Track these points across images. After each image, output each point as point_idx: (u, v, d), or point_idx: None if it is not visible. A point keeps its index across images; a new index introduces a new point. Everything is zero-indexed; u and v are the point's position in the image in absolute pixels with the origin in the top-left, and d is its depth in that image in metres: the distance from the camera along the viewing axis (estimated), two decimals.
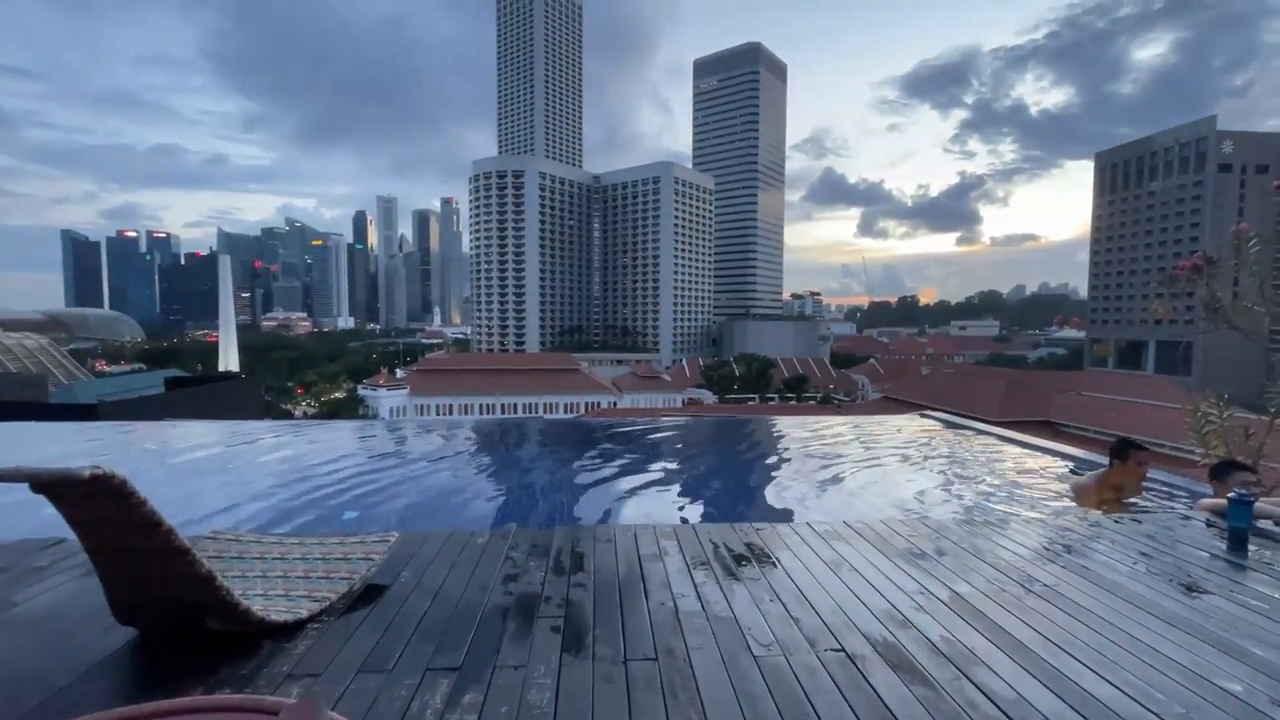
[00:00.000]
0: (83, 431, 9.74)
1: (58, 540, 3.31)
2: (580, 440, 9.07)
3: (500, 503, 5.80)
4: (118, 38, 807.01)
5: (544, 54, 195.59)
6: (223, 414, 26.70)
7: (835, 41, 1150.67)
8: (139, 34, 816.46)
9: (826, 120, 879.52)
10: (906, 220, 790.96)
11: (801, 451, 7.73)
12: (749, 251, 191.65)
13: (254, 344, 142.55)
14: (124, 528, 1.92)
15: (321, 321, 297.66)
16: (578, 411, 68.27)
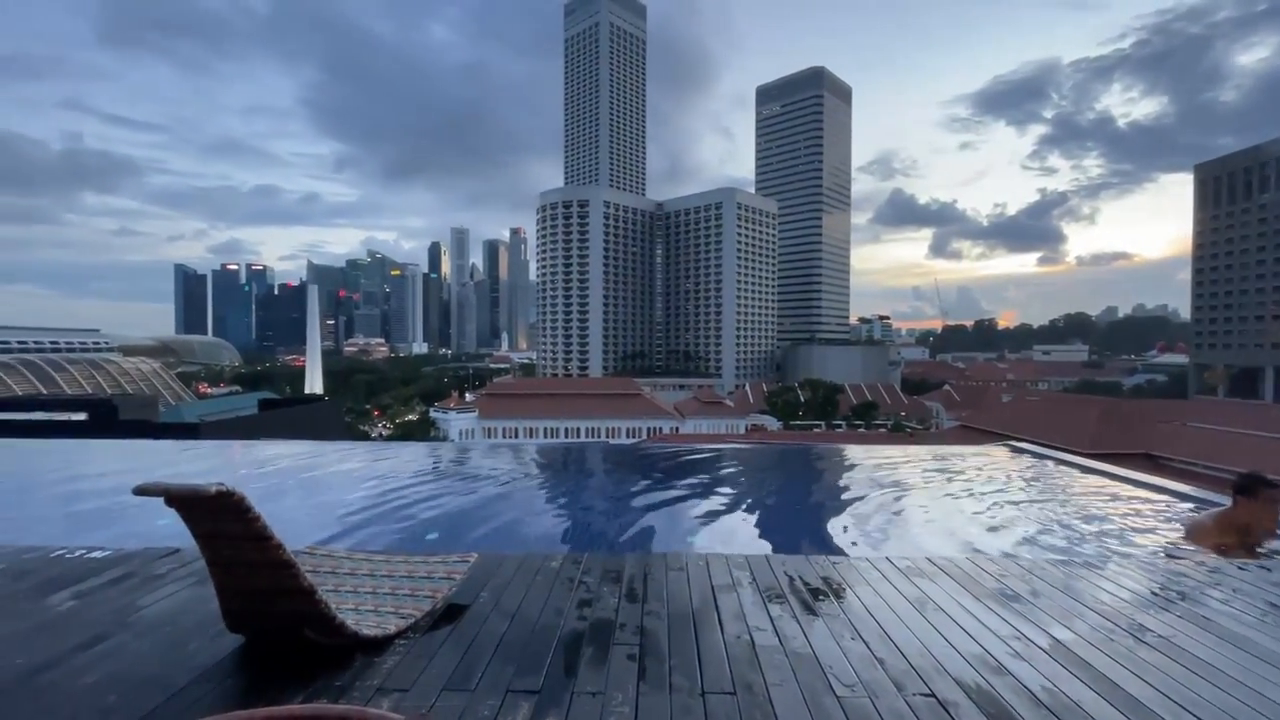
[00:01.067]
0: (185, 449, 10.59)
1: (173, 550, 3.61)
2: (645, 466, 9.08)
3: (568, 526, 5.87)
4: (228, 93, 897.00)
5: (609, 88, 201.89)
6: (309, 434, 28.42)
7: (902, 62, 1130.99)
8: (246, 88, 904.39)
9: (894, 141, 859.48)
10: (982, 240, 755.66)
11: (874, 481, 7.44)
12: (813, 275, 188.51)
13: (336, 368, 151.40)
14: (239, 541, 2.09)
15: (398, 347, 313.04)
16: (640, 436, 68.40)
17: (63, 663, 2.31)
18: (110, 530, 5.47)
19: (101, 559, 3.47)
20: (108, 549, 3.65)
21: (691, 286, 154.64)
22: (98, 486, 7.42)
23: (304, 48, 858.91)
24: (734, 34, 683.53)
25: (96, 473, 8.16)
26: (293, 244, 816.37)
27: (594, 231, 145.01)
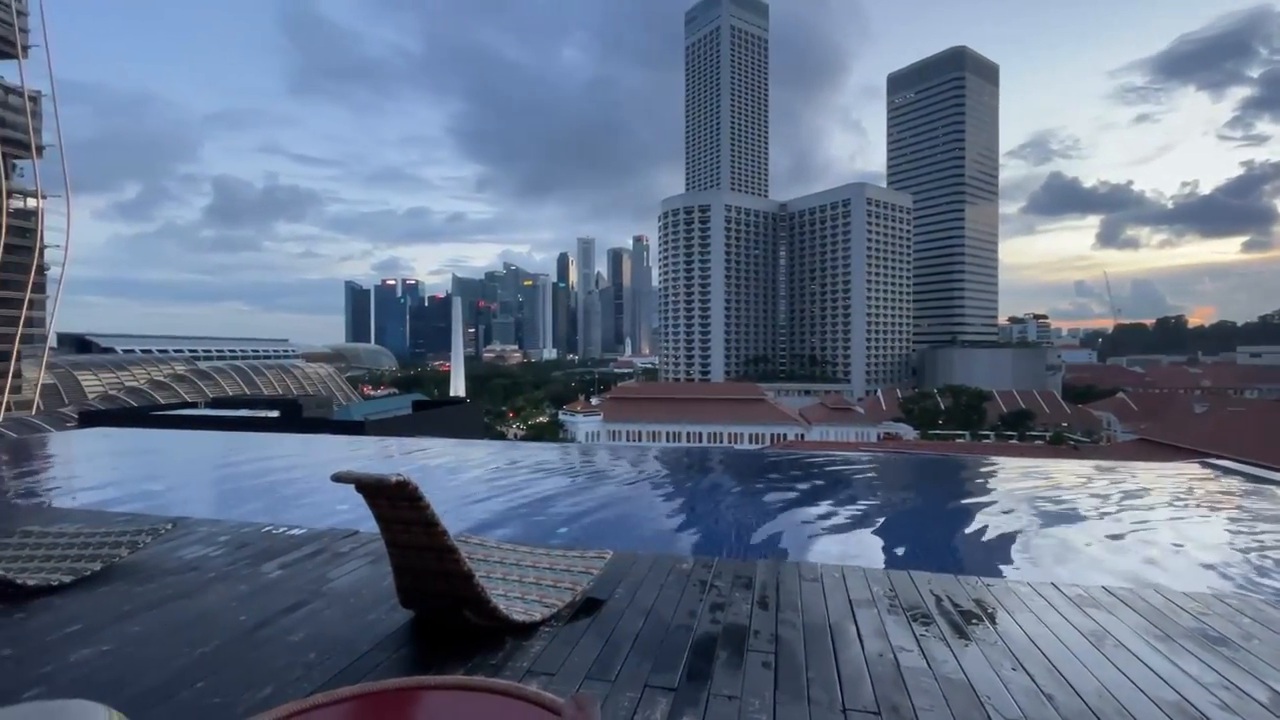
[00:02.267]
0: (353, 444, 11.98)
1: (353, 532, 4.12)
2: (772, 472, 8.88)
3: (694, 529, 5.90)
4: (388, 128, 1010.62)
5: (730, 92, 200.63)
6: (454, 432, 31.04)
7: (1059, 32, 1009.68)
8: (403, 123, 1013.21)
9: (1051, 120, 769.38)
10: (1166, 226, 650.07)
11: (1031, 498, 6.71)
12: (954, 272, 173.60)
13: (476, 373, 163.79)
14: (413, 526, 2.35)
15: (530, 353, 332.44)
16: (763, 442, 66.97)
17: (275, 621, 2.72)
18: (301, 511, 6.36)
19: (299, 536, 4.04)
20: (302, 527, 4.25)
21: (817, 288, 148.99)
22: (290, 474, 8.64)
23: (451, 81, 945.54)
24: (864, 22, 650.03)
25: (288, 462, 9.49)
26: (440, 259, 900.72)
27: (715, 235, 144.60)
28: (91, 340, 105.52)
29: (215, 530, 4.17)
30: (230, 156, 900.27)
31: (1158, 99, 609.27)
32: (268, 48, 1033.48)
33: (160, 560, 3.56)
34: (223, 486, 7.83)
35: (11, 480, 7.75)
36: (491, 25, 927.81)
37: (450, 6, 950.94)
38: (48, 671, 2.29)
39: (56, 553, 3.36)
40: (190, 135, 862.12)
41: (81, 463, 9.34)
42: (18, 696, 2.12)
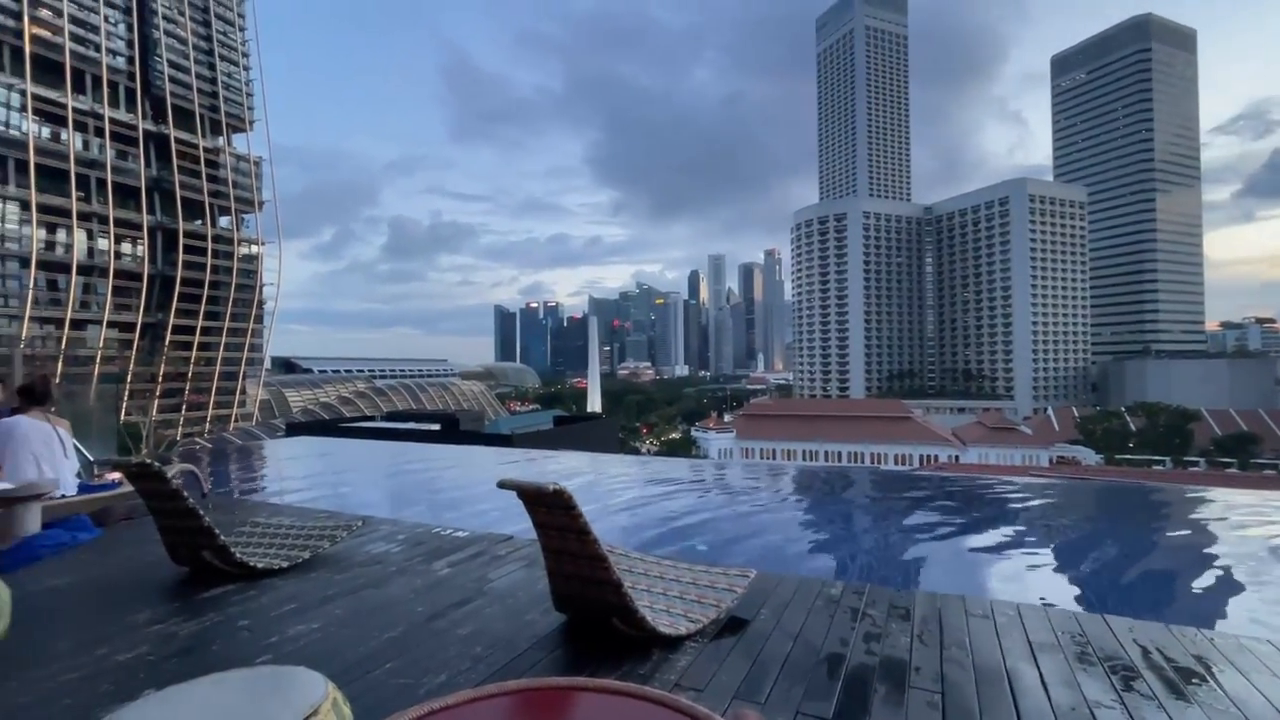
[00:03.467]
0: (502, 455, 12.86)
1: (508, 536, 4.42)
2: (924, 495, 8.20)
3: (838, 553, 5.61)
4: (532, 162, 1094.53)
5: (865, 95, 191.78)
6: (591, 447, 32.31)
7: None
8: (546, 156, 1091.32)
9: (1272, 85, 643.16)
10: None
11: (1264, 538, 5.55)
12: (1145, 271, 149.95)
13: (611, 389, 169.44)
14: (567, 533, 2.48)
15: (662, 369, 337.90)
16: (911, 464, 62.08)
17: (446, 615, 3.00)
18: (460, 513, 6.96)
19: (461, 538, 4.41)
20: (464, 530, 4.64)
21: (970, 296, 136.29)
22: (451, 480, 9.49)
23: (588, 113, 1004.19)
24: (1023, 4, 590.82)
25: (449, 470, 10.43)
26: (578, 282, 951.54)
27: (852, 244, 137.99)
28: (295, 362, 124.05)
29: (394, 529, 4.68)
30: (403, 199, 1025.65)
31: None
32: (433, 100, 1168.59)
33: (352, 553, 4.07)
34: (397, 489, 8.80)
35: (240, 479, 9.31)
36: (626, 57, 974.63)
37: (588, 45, 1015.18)
38: (273, 642, 2.70)
39: (276, 541, 3.97)
40: (372, 183, 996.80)
41: (289, 466, 10.98)
42: (253, 661, 2.53)
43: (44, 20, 55.95)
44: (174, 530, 3.56)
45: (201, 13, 69.72)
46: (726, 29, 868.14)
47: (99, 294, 58.86)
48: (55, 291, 56.34)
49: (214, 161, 68.79)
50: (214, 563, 3.51)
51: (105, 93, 59.73)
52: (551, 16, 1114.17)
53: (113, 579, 3.63)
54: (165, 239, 63.76)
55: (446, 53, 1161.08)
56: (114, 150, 59.94)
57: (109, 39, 60.74)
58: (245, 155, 73.11)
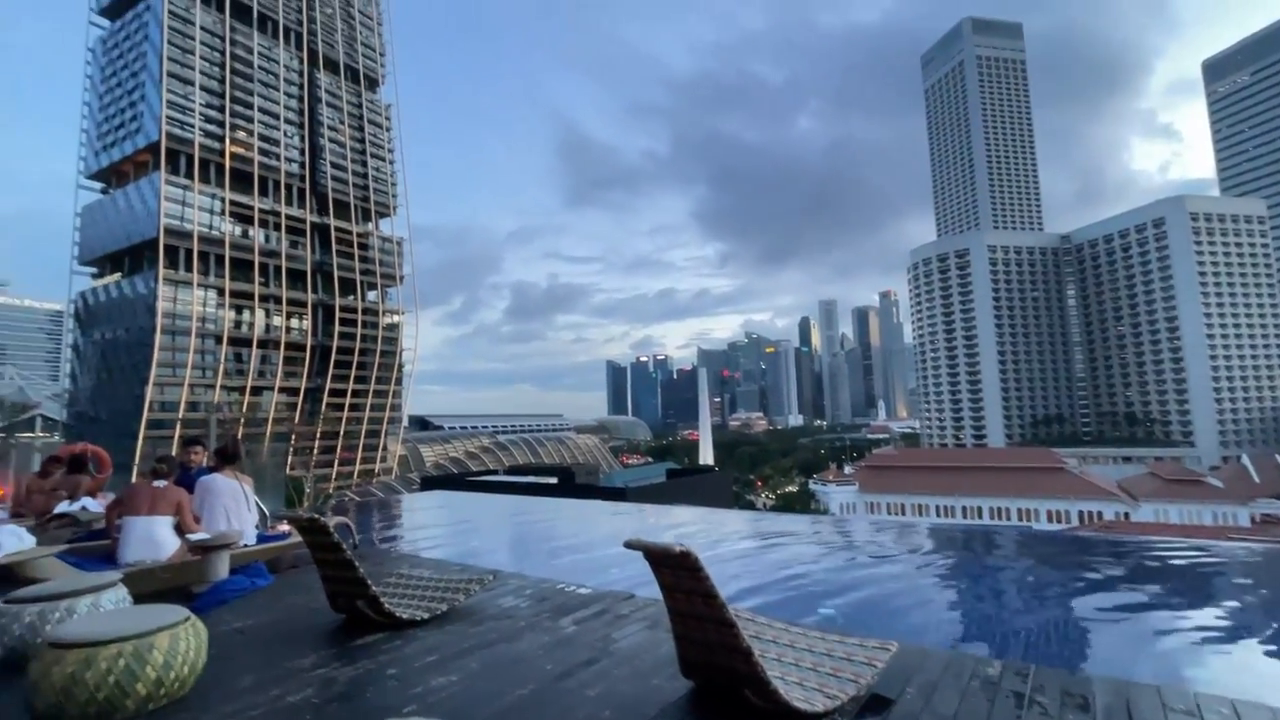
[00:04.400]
0: (616, 510, 12.95)
1: (630, 595, 4.41)
2: (1093, 560, 7.17)
3: (988, 626, 5.00)
4: (640, 221, 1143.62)
5: (982, 125, 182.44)
6: (704, 500, 31.77)
7: None
8: (653, 215, 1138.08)
9: None
10: None
11: None
12: None
13: (723, 441, 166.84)
14: (693, 596, 2.44)
15: (775, 419, 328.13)
16: (1067, 522, 54.86)
17: (574, 674, 3.02)
18: (581, 568, 7.04)
19: (585, 595, 4.46)
20: (587, 586, 4.69)
21: (1126, 329, 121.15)
22: (571, 534, 9.68)
23: (694, 172, 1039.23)
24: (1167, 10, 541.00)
25: (569, 524, 10.66)
26: (686, 334, 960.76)
27: (978, 280, 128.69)
28: (429, 420, 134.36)
29: (521, 584, 4.84)
30: (523, 264, 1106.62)
31: None
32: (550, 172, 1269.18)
33: (484, 606, 4.25)
34: (520, 542, 9.11)
35: (382, 531, 10.10)
36: (729, 114, 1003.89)
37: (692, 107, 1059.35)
38: (418, 692, 2.85)
39: (418, 593, 4.24)
40: (496, 252, 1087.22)
41: (424, 519, 11.77)
42: (400, 710, 2.68)
43: (240, 140, 67.81)
44: (334, 580, 3.92)
45: (356, 120, 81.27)
46: (828, 76, 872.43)
47: (272, 364, 67.99)
48: (240, 363, 65.83)
49: (364, 244, 78.50)
50: (366, 611, 3.81)
51: (283, 194, 70.69)
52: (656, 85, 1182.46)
53: (283, 623, 4.03)
54: (324, 314, 72.90)
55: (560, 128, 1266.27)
56: (288, 241, 70.30)
57: (286, 149, 72.25)
58: (389, 237, 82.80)
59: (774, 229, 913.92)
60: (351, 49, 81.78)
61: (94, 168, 67.99)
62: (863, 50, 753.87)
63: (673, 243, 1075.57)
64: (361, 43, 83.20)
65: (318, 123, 75.76)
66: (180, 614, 2.94)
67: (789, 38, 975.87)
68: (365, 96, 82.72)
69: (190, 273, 60.83)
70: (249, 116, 68.41)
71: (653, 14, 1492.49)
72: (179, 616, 2.91)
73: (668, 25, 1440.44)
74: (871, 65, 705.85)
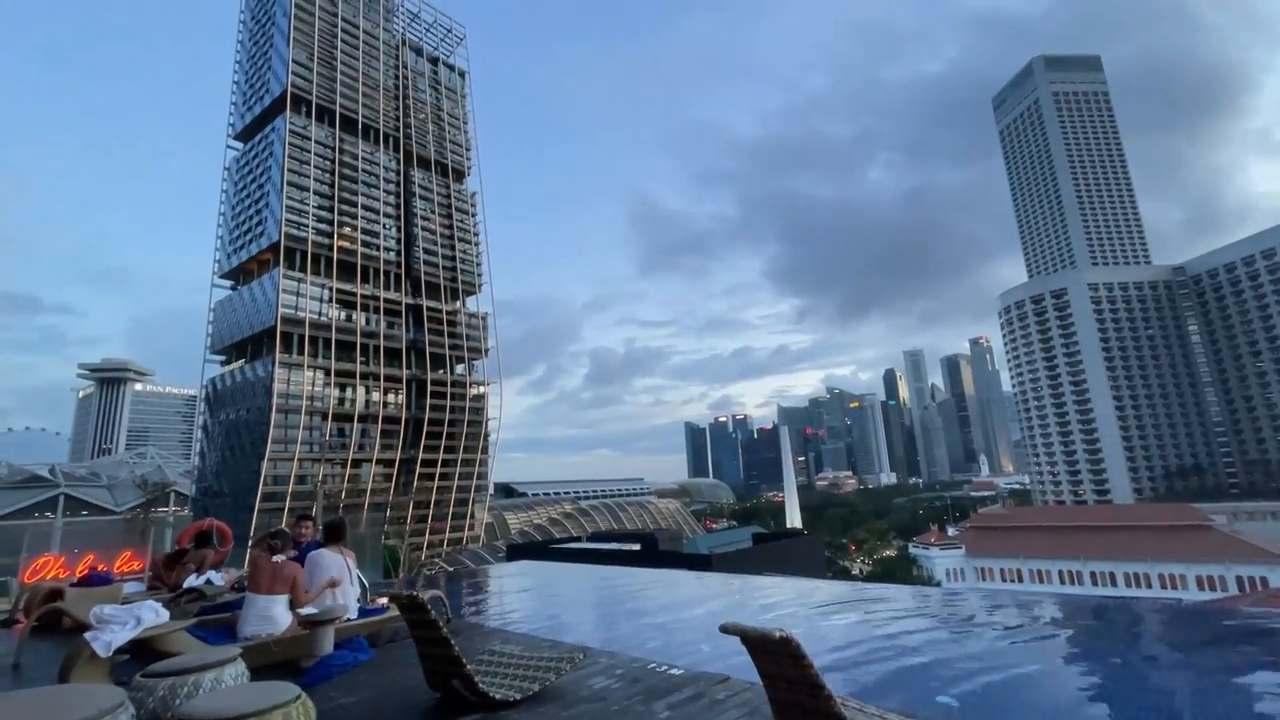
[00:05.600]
0: (705, 580, 12.49)
1: (725, 678, 4.19)
2: (1258, 638, 6.14)
3: (1129, 715, 4.36)
4: (713, 283, 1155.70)
5: (1067, 160, 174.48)
6: (794, 567, 30.10)
7: None
8: (726, 276, 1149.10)
9: None
10: None
11: None
12: None
13: (810, 503, 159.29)
14: (796, 685, 2.29)
15: (865, 478, 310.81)
16: (1225, 589, 47.72)
17: None
18: (670, 644, 6.78)
19: (677, 676, 4.29)
20: (679, 667, 4.51)
21: (1268, 364, 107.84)
22: (657, 606, 9.40)
23: (765, 231, 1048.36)
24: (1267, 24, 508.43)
25: (655, 597, 10.38)
26: (765, 392, 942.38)
27: (1081, 320, 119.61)
28: (513, 487, 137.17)
29: (611, 662, 4.72)
30: (599, 332, 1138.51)
31: None
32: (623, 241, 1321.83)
33: (576, 687, 4.16)
34: (607, 616, 8.93)
35: (472, 603, 10.22)
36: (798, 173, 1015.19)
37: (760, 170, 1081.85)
38: None
39: (510, 671, 4.22)
40: (574, 321, 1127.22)
41: (511, 589, 11.83)
42: None
43: (346, 235, 75.32)
44: (431, 657, 3.99)
45: (445, 209, 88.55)
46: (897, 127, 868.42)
47: (371, 438, 72.32)
48: (343, 437, 70.46)
49: (453, 321, 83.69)
50: (461, 691, 3.82)
51: (382, 280, 77.22)
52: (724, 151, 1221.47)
53: (383, 700, 4.11)
54: (417, 388, 77.41)
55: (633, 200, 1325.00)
56: (385, 322, 76.11)
57: (385, 240, 79.41)
58: (475, 313, 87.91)
59: (851, 282, 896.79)
60: (441, 147, 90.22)
61: (226, 268, 77.38)
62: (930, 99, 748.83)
63: (747, 301, 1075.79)
64: (450, 140, 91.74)
65: (412, 214, 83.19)
66: (292, 691, 3.07)
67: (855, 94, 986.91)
68: (453, 188, 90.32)
69: (302, 355, 66.80)
70: (354, 214, 76.22)
71: (717, 85, 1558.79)
72: (291, 694, 3.04)
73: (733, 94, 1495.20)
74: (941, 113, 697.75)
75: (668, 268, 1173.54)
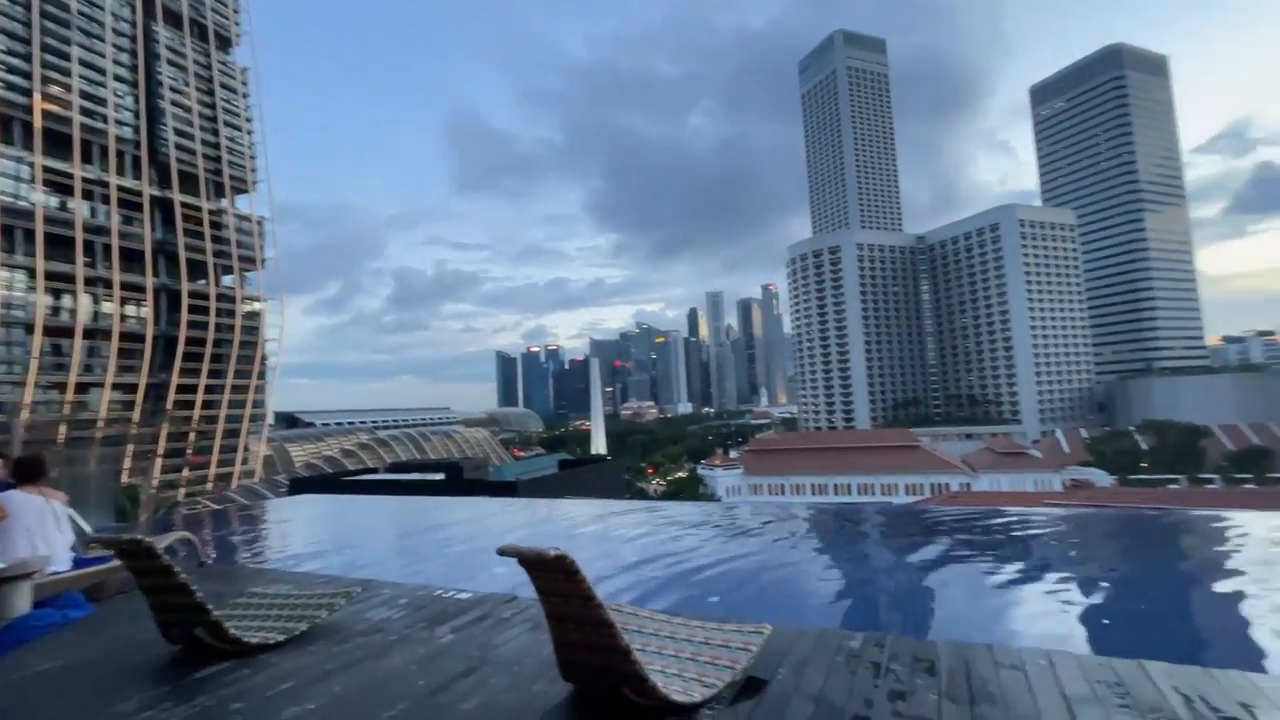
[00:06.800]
0: (508, 506, 12.65)
1: (512, 597, 4.27)
2: (937, 532, 7.99)
3: (855, 600, 5.41)
4: (532, 210, 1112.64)
5: (852, 132, 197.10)
6: (597, 490, 31.86)
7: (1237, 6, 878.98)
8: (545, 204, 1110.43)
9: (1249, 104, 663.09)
10: None
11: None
12: (1141, 290, 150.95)
13: (615, 430, 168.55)
14: (570, 598, 2.37)
15: (665, 408, 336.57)
16: (922, 493, 61.14)
17: (450, 687, 2.85)
18: (464, 571, 6.77)
19: (465, 600, 4.27)
20: (468, 591, 4.49)
21: (969, 321, 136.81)
22: (454, 536, 9.29)
23: (590, 164, 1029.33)
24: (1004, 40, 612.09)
25: (452, 526, 10.23)
26: (579, 324, 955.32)
27: (848, 275, 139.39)
28: (298, 417, 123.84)
29: (395, 593, 4.53)
30: (407, 250, 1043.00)
31: None
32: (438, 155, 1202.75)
33: (352, 621, 3.93)
34: (399, 549, 8.59)
35: (241, 544, 9.12)
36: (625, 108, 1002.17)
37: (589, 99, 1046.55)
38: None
39: (273, 613, 3.83)
40: (377, 236, 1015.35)
41: (291, 527, 10.78)
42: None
43: (54, 95, 58.00)
44: (166, 608, 3.44)
45: (205, 82, 72.30)
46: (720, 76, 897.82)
47: (102, 357, 59.23)
48: (60, 356, 56.71)
49: (218, 222, 70.25)
50: (207, 639, 3.38)
51: (113, 161, 61.45)
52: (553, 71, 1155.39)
53: (103, 661, 3.48)
54: (169, 300, 64.58)
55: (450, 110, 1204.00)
56: (120, 216, 61.29)
57: (116, 110, 62.83)
58: (248, 215, 74.69)
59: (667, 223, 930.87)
60: (198, 1, 72.47)
61: None
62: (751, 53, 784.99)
63: (567, 232, 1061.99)
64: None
65: (156, 81, 66.44)
66: None
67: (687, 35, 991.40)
68: (216, 57, 73.66)
69: None
70: (65, 69, 58.64)
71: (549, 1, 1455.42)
72: None
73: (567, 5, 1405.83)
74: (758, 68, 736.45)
75: (488, 188, 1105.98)
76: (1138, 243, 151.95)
